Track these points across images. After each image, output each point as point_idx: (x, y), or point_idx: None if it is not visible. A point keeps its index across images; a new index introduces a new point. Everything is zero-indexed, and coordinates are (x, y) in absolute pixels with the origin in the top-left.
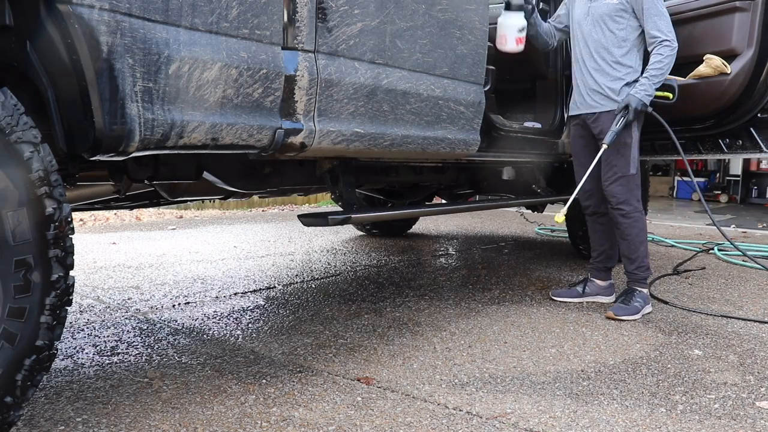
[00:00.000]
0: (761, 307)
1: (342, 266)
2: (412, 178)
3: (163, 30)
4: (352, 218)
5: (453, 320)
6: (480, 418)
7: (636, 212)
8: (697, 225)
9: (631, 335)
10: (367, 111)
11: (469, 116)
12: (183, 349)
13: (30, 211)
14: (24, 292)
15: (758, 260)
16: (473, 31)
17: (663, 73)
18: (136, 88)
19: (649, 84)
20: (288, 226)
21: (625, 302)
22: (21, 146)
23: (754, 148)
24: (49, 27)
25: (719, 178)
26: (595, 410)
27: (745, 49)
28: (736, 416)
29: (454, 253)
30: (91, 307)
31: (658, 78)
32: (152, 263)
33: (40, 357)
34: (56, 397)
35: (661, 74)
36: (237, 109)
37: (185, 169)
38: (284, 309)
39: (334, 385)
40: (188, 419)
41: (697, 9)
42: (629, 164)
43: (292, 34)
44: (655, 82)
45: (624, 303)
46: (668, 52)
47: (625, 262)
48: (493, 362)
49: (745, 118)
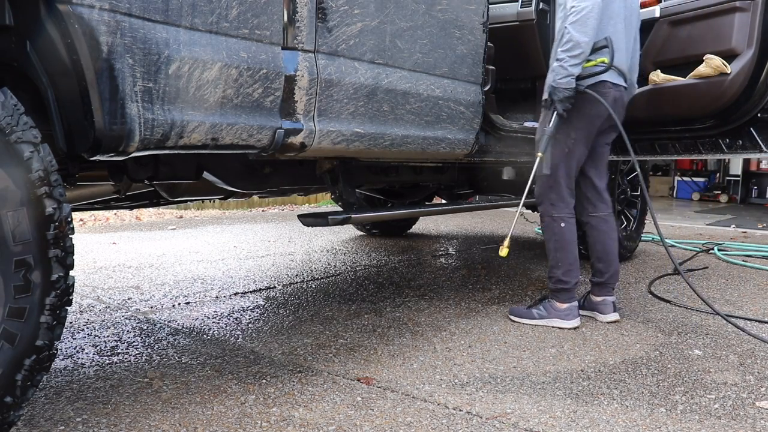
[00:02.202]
0: (761, 307)
1: (342, 266)
2: (412, 178)
3: (163, 30)
4: (352, 218)
5: (453, 320)
6: (480, 418)
7: (546, 216)
8: (697, 225)
9: (631, 335)
10: (367, 111)
11: (469, 116)
12: (183, 349)
13: (30, 211)
14: (24, 292)
15: (757, 261)
16: (473, 31)
17: (572, 46)
18: (136, 88)
19: (559, 66)
20: (288, 226)
21: (531, 306)
22: (21, 146)
23: (754, 148)
24: (49, 27)
25: (719, 178)
26: (595, 410)
27: (745, 49)
28: (736, 416)
29: (454, 253)
30: (91, 307)
31: (568, 54)
32: (152, 263)
33: (40, 357)
34: (56, 397)
35: (570, 47)
36: (237, 109)
37: (185, 169)
38: (284, 309)
39: (334, 385)
40: (188, 419)
41: (697, 9)
42: (545, 163)
43: (292, 34)
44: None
45: (529, 306)
46: (571, 19)
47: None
48: (493, 362)
49: (745, 118)
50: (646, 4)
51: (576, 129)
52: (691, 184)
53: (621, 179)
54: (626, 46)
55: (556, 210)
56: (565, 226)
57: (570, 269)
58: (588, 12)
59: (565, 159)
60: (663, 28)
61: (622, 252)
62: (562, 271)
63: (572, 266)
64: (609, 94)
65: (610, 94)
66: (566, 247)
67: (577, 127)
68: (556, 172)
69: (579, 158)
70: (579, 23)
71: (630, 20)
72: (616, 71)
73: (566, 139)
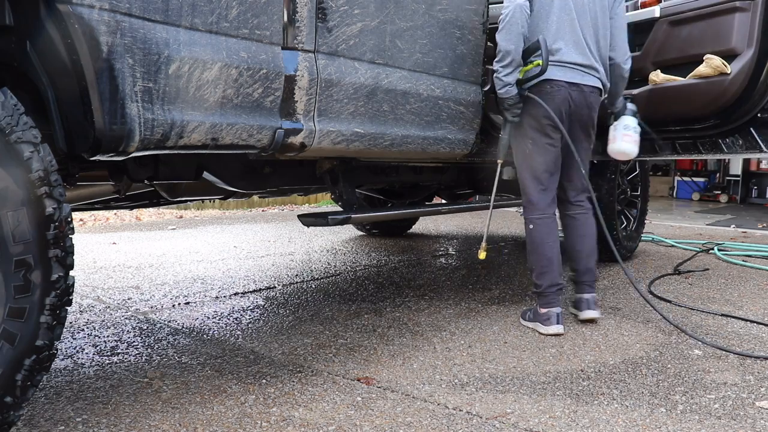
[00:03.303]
0: (761, 307)
1: (342, 266)
2: (412, 178)
3: (163, 30)
4: (352, 218)
5: (453, 320)
6: (480, 418)
7: (524, 218)
8: (697, 225)
9: (631, 335)
10: (367, 111)
11: (469, 116)
12: (183, 349)
13: (30, 211)
14: (24, 292)
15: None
16: (473, 31)
17: (502, 56)
18: (136, 88)
19: (496, 78)
20: (288, 226)
21: (528, 308)
22: (21, 146)
23: (754, 148)
24: (49, 27)
25: (719, 178)
26: (595, 410)
27: (745, 49)
28: (736, 416)
29: (454, 253)
30: (91, 307)
31: (500, 64)
32: (152, 263)
33: (40, 357)
34: (56, 397)
35: (500, 57)
36: (237, 109)
37: (185, 169)
38: (284, 309)
39: (334, 385)
40: (188, 419)
41: (697, 9)
42: (504, 168)
43: (292, 34)
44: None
45: (528, 308)
46: (499, 29)
47: None
48: (493, 362)
49: (745, 118)
50: (646, 4)
51: (530, 130)
52: (691, 184)
53: (621, 179)
54: (579, 36)
55: (526, 212)
56: (533, 228)
57: (542, 272)
58: (509, 19)
59: (527, 161)
60: (663, 28)
61: (622, 252)
62: (535, 274)
63: (545, 269)
64: (557, 92)
65: (558, 92)
66: (536, 249)
67: (530, 128)
68: (521, 174)
69: (545, 159)
70: (503, 32)
71: (584, 8)
72: (565, 67)
73: (524, 142)
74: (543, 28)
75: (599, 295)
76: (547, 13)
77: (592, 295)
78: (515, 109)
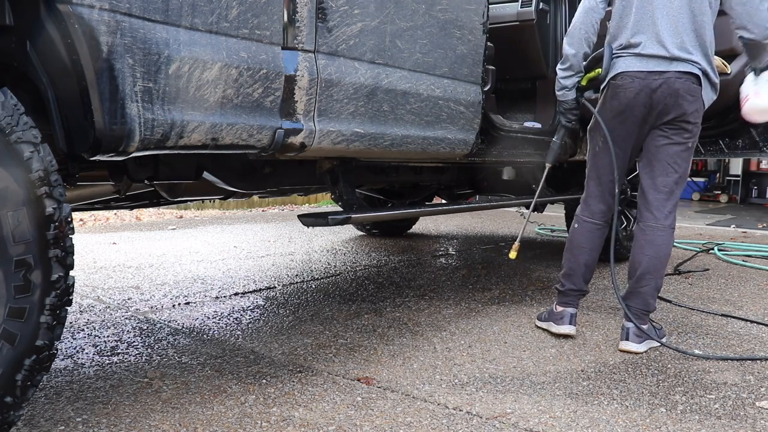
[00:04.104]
0: (761, 307)
1: (342, 266)
2: (412, 178)
3: (163, 30)
4: (352, 218)
5: (453, 320)
6: (480, 418)
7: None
8: (697, 225)
9: None
10: (367, 111)
11: (469, 116)
12: (183, 349)
13: (30, 211)
14: (24, 292)
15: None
16: (473, 31)
17: (563, 59)
18: (136, 88)
19: (556, 79)
20: (288, 226)
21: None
22: (21, 146)
23: (754, 148)
24: (49, 27)
25: (719, 178)
26: (595, 410)
27: None
28: (736, 416)
29: (454, 253)
30: (91, 307)
31: (560, 67)
32: (152, 263)
33: (40, 357)
34: (56, 397)
35: (562, 60)
36: (237, 109)
37: (185, 169)
38: (284, 309)
39: (334, 385)
40: (188, 419)
41: None
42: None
43: (292, 34)
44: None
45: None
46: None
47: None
48: (493, 362)
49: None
50: None
51: (600, 129)
52: (691, 184)
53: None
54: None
55: (579, 209)
56: (577, 227)
57: (569, 273)
58: (574, 22)
59: (594, 159)
60: None
61: (622, 252)
62: (562, 272)
63: (572, 271)
64: (629, 84)
65: (632, 84)
66: (571, 249)
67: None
68: (587, 172)
69: (611, 160)
70: (568, 36)
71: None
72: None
73: (596, 139)
74: (626, 23)
75: (599, 295)
76: (628, 6)
77: (632, 325)
78: (570, 115)
